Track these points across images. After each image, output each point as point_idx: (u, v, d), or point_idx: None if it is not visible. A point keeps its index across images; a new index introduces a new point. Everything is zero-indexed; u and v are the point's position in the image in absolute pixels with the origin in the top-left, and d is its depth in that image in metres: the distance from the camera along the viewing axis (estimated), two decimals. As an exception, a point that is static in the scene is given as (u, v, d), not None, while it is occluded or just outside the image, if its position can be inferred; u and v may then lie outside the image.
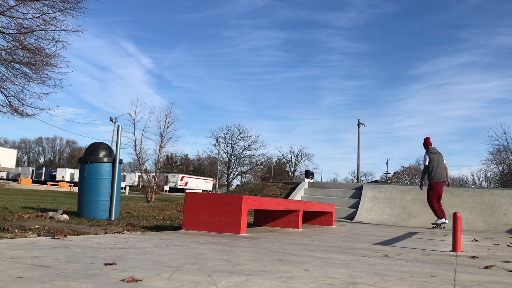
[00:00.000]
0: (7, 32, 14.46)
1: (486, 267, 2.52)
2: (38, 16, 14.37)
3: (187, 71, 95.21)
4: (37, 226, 4.17)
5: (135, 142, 17.76)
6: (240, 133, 48.83)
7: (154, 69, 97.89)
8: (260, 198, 4.73)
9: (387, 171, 64.24)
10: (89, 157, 5.77)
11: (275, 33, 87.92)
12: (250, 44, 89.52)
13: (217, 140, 49.18)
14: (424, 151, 8.40)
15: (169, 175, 47.27)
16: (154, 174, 18.38)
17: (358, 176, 42.35)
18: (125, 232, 3.96)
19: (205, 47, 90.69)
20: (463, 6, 77.75)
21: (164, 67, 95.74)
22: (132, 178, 51.70)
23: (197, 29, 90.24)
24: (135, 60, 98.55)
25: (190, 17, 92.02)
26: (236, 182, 53.54)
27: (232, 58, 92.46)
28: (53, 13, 14.43)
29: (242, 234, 4.07)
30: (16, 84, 15.49)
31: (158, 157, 18.55)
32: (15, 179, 52.06)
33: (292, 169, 65.45)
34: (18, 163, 63.15)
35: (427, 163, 8.17)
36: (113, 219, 5.66)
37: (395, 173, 64.60)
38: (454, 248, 3.43)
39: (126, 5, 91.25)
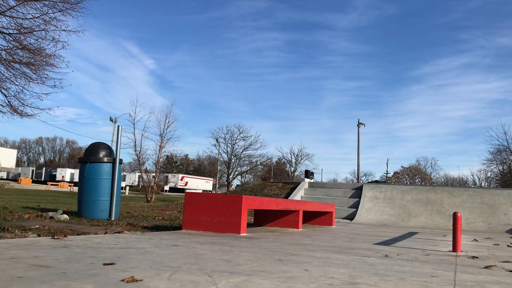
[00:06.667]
0: (7, 32, 14.45)
1: (486, 267, 2.52)
2: (38, 16, 14.37)
3: (189, 72, 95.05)
4: (37, 226, 4.17)
5: (135, 142, 17.77)
6: (240, 133, 48.83)
7: (157, 70, 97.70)
8: (260, 198, 4.73)
9: (387, 171, 64.16)
10: (89, 157, 5.78)
11: (277, 35, 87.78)
12: (252, 45, 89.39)
13: (217, 140, 49.23)
14: None
15: (169, 175, 47.20)
16: (154, 174, 18.38)
17: (358, 176, 42.35)
18: (125, 232, 3.96)
19: (208, 48, 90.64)
20: (464, 8, 77.67)
21: (167, 68, 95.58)
22: (132, 178, 51.66)
23: (199, 30, 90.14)
24: (138, 61, 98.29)
25: (193, 18, 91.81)
26: (236, 182, 53.59)
27: (234, 59, 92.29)
28: (53, 13, 14.43)
29: (242, 234, 4.07)
30: (16, 84, 15.48)
31: (158, 157, 18.56)
32: (15, 179, 52.02)
33: (292, 169, 65.42)
34: (18, 163, 63.09)
35: None
36: (113, 219, 5.66)
37: (395, 173, 64.51)
38: (454, 248, 3.43)
39: (129, 6, 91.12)
